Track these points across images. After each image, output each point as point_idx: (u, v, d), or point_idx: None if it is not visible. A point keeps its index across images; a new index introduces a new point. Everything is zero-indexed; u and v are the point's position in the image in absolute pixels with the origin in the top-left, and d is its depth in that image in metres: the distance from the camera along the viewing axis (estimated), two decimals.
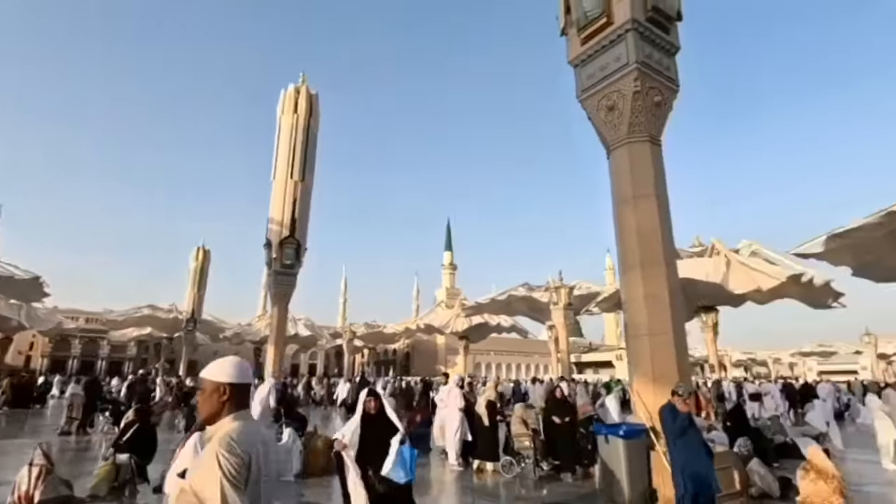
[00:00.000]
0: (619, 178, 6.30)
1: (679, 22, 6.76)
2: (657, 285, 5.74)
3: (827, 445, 8.79)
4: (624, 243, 6.14)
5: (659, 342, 5.60)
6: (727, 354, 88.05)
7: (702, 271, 31.97)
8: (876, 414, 8.40)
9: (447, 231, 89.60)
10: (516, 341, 74.84)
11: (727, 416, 8.57)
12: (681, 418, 4.10)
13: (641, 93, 6.09)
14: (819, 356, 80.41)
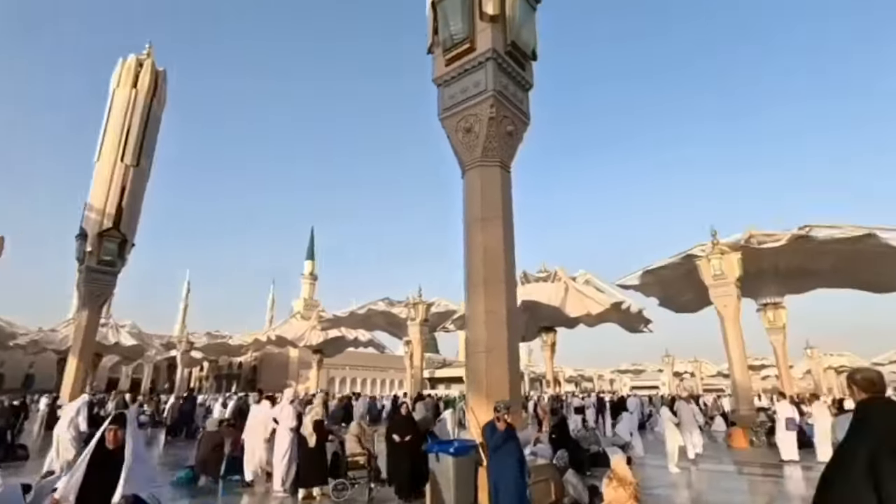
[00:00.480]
0: (471, 199, 6.49)
1: (534, 61, 7.30)
2: (497, 303, 5.97)
3: (630, 453, 10.07)
4: (471, 261, 6.30)
5: (494, 358, 5.79)
6: (562, 371, 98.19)
7: (545, 295, 35.23)
8: (666, 424, 9.91)
9: (310, 240, 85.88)
10: (373, 356, 74.04)
11: (553, 428, 9.35)
12: (498, 435, 4.23)
13: (496, 119, 6.38)
14: (632, 373, 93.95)
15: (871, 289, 27.46)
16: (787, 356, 30.74)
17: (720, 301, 19.14)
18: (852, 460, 2.02)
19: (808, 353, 56.80)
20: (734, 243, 22.92)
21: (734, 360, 18.52)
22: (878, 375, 2.58)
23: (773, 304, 27.78)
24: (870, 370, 2.63)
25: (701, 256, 21.10)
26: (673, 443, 9.41)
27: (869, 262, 24.51)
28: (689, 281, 24.83)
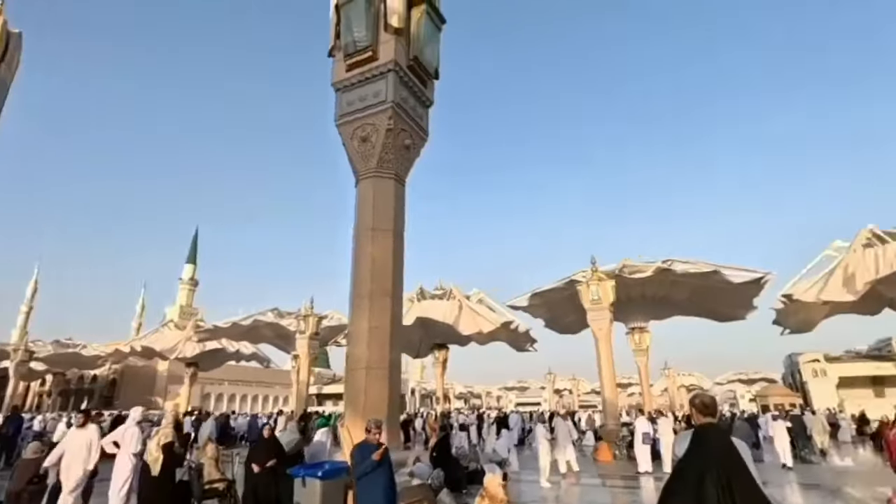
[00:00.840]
0: (363, 209, 6.31)
1: (436, 80, 7.39)
2: (382, 318, 5.80)
3: (507, 469, 10.38)
4: (358, 273, 6.08)
5: (375, 376, 5.59)
6: (452, 387, 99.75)
7: (440, 312, 35.68)
8: (539, 440, 10.39)
9: (193, 241, 78.37)
10: (257, 370, 69.11)
11: (434, 447, 9.31)
12: (369, 458, 4.04)
13: (394, 131, 6.31)
14: (518, 390, 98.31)
15: (715, 318, 31.82)
16: (649, 375, 34.29)
17: (595, 324, 20.79)
18: (688, 474, 2.42)
19: (665, 372, 64.03)
20: (610, 272, 25.22)
21: (605, 379, 20.15)
22: (712, 400, 3.05)
23: (640, 328, 30.93)
24: (706, 395, 3.11)
25: (582, 282, 22.85)
26: (545, 458, 9.89)
27: (714, 295, 28.43)
28: (572, 304, 26.78)
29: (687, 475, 2.42)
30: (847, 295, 25.72)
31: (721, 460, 2.36)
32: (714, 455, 2.38)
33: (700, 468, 2.36)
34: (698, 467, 2.37)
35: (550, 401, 76.37)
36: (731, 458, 2.36)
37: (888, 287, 25.65)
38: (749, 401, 55.96)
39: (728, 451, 2.41)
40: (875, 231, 25.97)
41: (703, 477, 2.29)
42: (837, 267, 26.30)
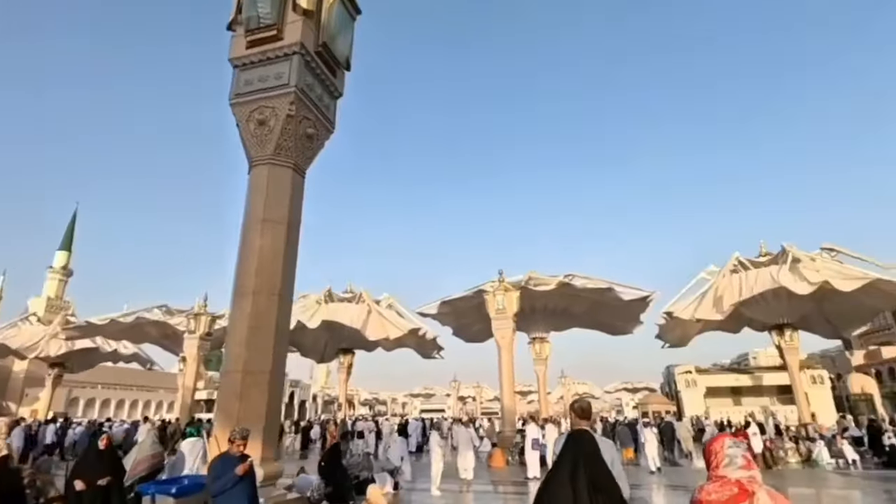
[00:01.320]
0: (255, 197, 5.81)
1: (347, 71, 7.08)
2: (266, 318, 5.33)
3: (399, 478, 10.18)
4: (243, 267, 5.56)
5: (254, 381, 5.10)
6: (357, 393, 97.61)
7: (348, 316, 34.74)
8: (433, 448, 10.31)
9: (70, 225, 69.13)
10: (137, 373, 62.46)
11: (323, 456, 8.83)
12: (231, 472, 3.63)
13: (295, 118, 5.90)
14: (423, 397, 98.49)
15: (608, 331, 34.29)
16: (547, 383, 36.01)
17: (499, 332, 21.39)
18: (562, 467, 2.86)
19: (562, 381, 67.92)
20: (516, 283, 26.18)
21: (504, 386, 20.75)
22: (589, 405, 3.55)
23: (541, 338, 32.39)
24: (584, 401, 3.59)
25: (489, 292, 23.44)
26: (438, 466, 9.82)
27: (608, 310, 30.65)
28: (479, 313, 27.37)
29: (562, 467, 2.87)
30: (716, 314, 29.00)
31: (587, 457, 2.82)
32: (583, 452, 2.83)
33: (572, 462, 2.80)
34: (571, 461, 2.82)
35: (454, 408, 77.49)
36: (595, 455, 2.84)
37: (748, 308, 29.33)
38: (632, 408, 60.99)
39: (594, 449, 2.86)
40: (740, 259, 29.60)
41: (574, 469, 2.77)
42: (710, 289, 29.58)
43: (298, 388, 56.05)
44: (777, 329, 30.02)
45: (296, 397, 54.97)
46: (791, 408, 31.43)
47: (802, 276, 26.98)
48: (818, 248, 29.25)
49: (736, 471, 2.17)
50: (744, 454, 2.23)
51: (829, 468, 15.05)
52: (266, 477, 4.85)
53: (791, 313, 29.39)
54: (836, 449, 16.04)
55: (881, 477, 13.02)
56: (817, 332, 34.55)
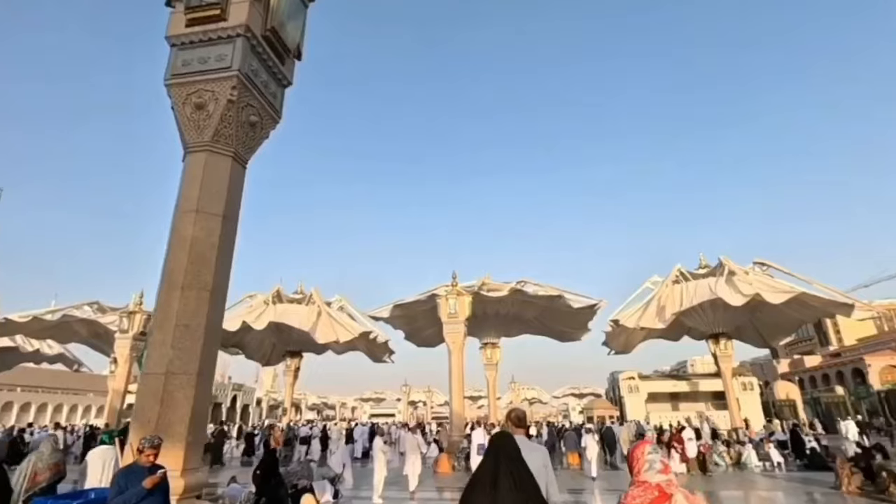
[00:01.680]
0: (189, 186, 5.40)
1: (298, 60, 6.78)
2: (196, 316, 4.94)
3: (339, 486, 9.80)
4: (172, 259, 5.14)
5: (179, 383, 4.70)
6: (305, 398, 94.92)
7: (297, 318, 33.69)
8: (376, 454, 10.02)
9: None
10: (63, 375, 57.99)
11: (259, 463, 8.34)
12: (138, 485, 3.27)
13: (237, 104, 5.55)
14: (374, 401, 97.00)
15: (558, 338, 35.03)
16: (497, 388, 36.30)
17: (450, 336, 21.28)
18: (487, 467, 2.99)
19: (512, 386, 68.79)
20: (470, 287, 26.25)
21: (454, 391, 20.63)
22: (524, 414, 3.77)
23: (492, 343, 32.63)
24: (520, 410, 3.81)
25: (442, 296, 23.33)
26: (381, 473, 9.54)
27: (558, 317, 31.32)
28: (432, 318, 27.20)
29: (486, 468, 3.00)
30: (659, 323, 30.26)
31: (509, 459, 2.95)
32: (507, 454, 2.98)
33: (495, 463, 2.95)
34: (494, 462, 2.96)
35: (405, 412, 76.79)
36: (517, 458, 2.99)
37: (688, 318, 30.79)
38: (579, 413, 62.56)
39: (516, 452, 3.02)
40: (682, 270, 31.06)
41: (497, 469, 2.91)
42: (653, 299, 30.85)
43: (241, 392, 53.74)
44: (713, 338, 31.68)
45: (238, 401, 52.68)
46: (724, 413, 33.15)
47: (737, 289, 28.64)
48: (751, 262, 31.19)
49: (655, 475, 2.34)
50: (662, 459, 2.41)
51: (757, 470, 15.92)
52: (188, 489, 4.47)
53: (726, 323, 31.10)
54: (764, 452, 17.01)
55: (802, 479, 13.87)
56: (749, 342, 36.78)
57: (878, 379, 45.41)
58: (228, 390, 50.93)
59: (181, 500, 4.42)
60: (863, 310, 29.90)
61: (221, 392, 49.70)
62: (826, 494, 11.24)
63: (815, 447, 16.86)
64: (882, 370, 45.98)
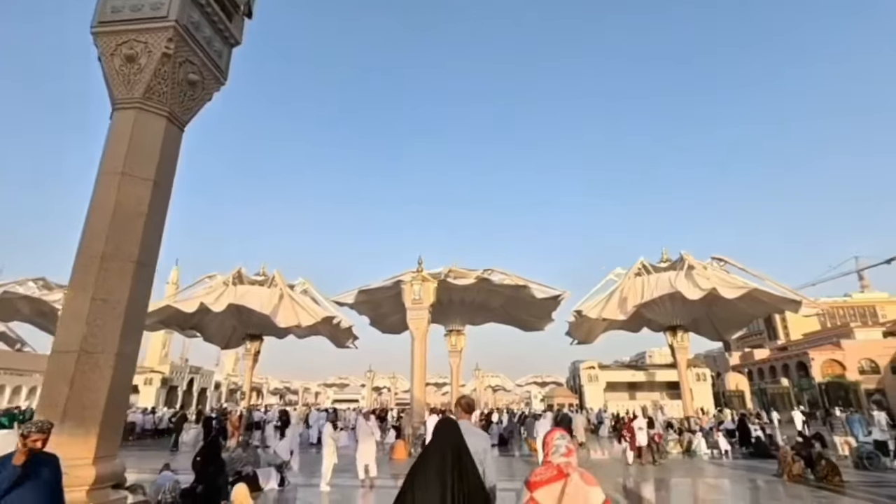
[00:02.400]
0: (115, 145, 4.87)
1: (248, 19, 6.26)
2: (117, 290, 4.47)
3: (285, 473, 9.45)
4: (92, 226, 4.63)
5: (94, 364, 4.24)
6: (267, 382, 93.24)
7: (257, 300, 32.72)
8: (325, 440, 9.68)
9: None
10: (5, 354, 54.76)
11: (200, 450, 7.90)
12: (8, 473, 2.86)
13: (173, 59, 5.03)
14: (337, 387, 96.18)
15: (522, 327, 35.33)
16: (460, 375, 36.42)
17: (414, 322, 21.06)
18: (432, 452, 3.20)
19: (476, 373, 69.37)
20: (436, 274, 26.03)
21: (416, 377, 20.48)
22: (472, 400, 4.09)
23: (457, 330, 32.60)
24: (469, 397, 4.10)
25: (407, 281, 23.04)
26: (329, 459, 9.23)
27: (522, 306, 31.53)
28: (397, 304, 26.86)
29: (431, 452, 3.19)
30: (620, 315, 30.89)
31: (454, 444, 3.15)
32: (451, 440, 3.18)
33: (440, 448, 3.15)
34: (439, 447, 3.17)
35: (369, 398, 76.50)
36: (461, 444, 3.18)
37: (648, 310, 31.55)
38: (540, 400, 63.81)
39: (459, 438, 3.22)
40: (645, 263, 31.73)
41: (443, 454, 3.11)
42: (616, 290, 31.44)
43: (199, 376, 52.18)
44: (671, 330, 32.63)
45: (195, 385, 51.14)
46: (678, 402, 34.34)
47: (695, 283, 29.49)
48: (709, 258, 32.14)
49: (559, 457, 2.75)
50: (567, 444, 2.81)
51: (706, 458, 16.45)
52: (100, 479, 4.05)
53: (684, 316, 32.05)
54: (713, 440, 17.62)
55: (747, 466, 14.39)
56: (704, 335, 38.12)
57: (820, 372, 48.06)
58: (185, 373, 49.32)
59: (92, 491, 4.01)
60: (809, 307, 31.35)
61: (177, 375, 48.11)
62: (769, 481, 11.63)
63: (760, 436, 17.57)
64: (824, 364, 48.65)
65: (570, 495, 2.55)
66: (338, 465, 9.74)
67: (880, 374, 47.11)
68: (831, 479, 10.85)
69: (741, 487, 11.15)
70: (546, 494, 2.59)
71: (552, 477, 2.64)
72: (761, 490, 10.61)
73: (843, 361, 48.35)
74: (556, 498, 2.56)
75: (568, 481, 2.58)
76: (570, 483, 2.58)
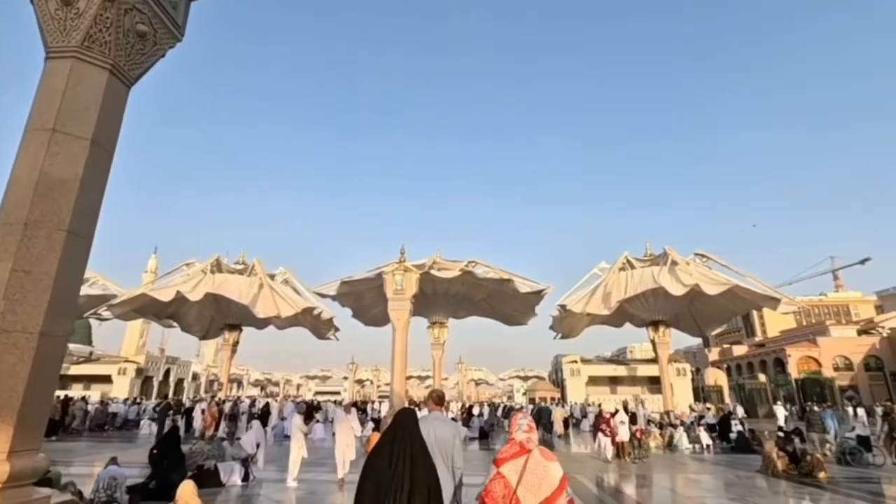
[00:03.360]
0: (46, 98, 4.29)
1: None
2: (45, 261, 3.91)
3: (250, 467, 8.93)
4: (15, 189, 4.05)
5: (11, 343, 3.69)
6: (247, 374, 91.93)
7: (236, 289, 31.86)
8: (294, 433, 9.14)
9: None
10: None
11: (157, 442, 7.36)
12: None
13: (118, 5, 4.44)
14: (320, 379, 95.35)
15: (505, 321, 35.07)
16: (443, 368, 36.09)
17: (395, 313, 20.60)
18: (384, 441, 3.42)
19: (459, 367, 69.28)
20: (420, 265, 25.54)
21: (396, 369, 20.04)
22: (443, 393, 4.36)
23: (440, 323, 32.21)
24: (440, 390, 4.32)
25: (388, 272, 22.53)
26: (297, 453, 8.69)
27: (506, 301, 31.27)
28: (380, 296, 26.29)
29: (386, 441, 3.40)
30: (604, 309, 30.82)
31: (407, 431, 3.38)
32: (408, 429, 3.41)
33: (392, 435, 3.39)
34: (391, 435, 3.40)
35: (351, 391, 75.93)
36: (413, 429, 3.41)
37: (631, 305, 31.57)
38: (522, 394, 63.95)
39: (415, 428, 3.45)
40: (629, 257, 31.70)
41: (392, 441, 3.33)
42: (600, 285, 31.35)
43: (176, 366, 51.02)
44: (653, 325, 32.72)
45: (172, 375, 50.00)
46: (659, 396, 34.54)
47: (678, 279, 29.52)
48: (693, 253, 32.25)
49: (521, 434, 3.02)
50: (528, 423, 3.10)
51: (687, 452, 16.36)
52: (15, 475, 3.52)
53: (666, 311, 32.14)
54: (694, 435, 17.55)
55: (730, 461, 14.28)
56: (685, 330, 38.40)
57: (796, 368, 48.95)
58: (161, 363, 48.12)
59: (7, 490, 3.48)
60: (788, 304, 31.69)
61: (153, 365, 46.93)
62: (753, 477, 11.46)
63: (742, 431, 17.56)
64: (800, 360, 49.57)
65: (531, 468, 2.83)
66: (307, 460, 9.24)
67: (854, 371, 48.17)
68: (816, 474, 10.71)
69: (724, 483, 10.95)
70: (511, 468, 2.85)
71: (515, 453, 2.91)
72: (745, 486, 10.42)
73: (818, 358, 49.33)
74: (519, 471, 2.82)
75: (530, 456, 2.86)
76: (532, 458, 2.86)
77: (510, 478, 2.84)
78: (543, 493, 2.80)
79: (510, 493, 2.80)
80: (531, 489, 2.80)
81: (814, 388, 45.14)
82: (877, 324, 54.93)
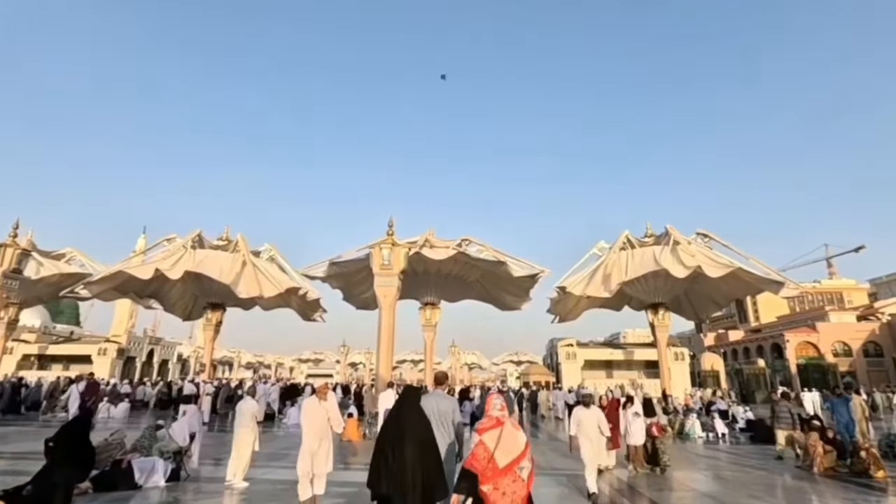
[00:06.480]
0: None
1: None
2: None
3: (183, 464, 7.54)
4: None
5: None
6: (239, 356, 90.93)
7: (217, 268, 30.26)
8: (238, 421, 7.61)
9: None
10: None
11: (59, 430, 5.95)
12: None
13: None
14: (312, 362, 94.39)
15: (499, 306, 33.80)
16: (435, 351, 34.90)
17: (381, 290, 19.28)
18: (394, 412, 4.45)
19: (452, 350, 68.43)
20: (412, 242, 24.11)
21: (382, 350, 18.78)
22: (444, 373, 5.64)
23: (432, 303, 30.91)
24: (442, 372, 5.68)
25: (376, 245, 21.11)
26: (243, 446, 7.14)
27: (499, 283, 29.97)
28: (370, 278, 24.90)
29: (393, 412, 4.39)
30: (604, 292, 29.52)
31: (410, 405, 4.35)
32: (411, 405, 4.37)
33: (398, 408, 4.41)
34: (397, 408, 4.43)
35: (343, 374, 75.07)
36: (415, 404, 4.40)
37: (631, 287, 30.32)
38: (516, 378, 63.26)
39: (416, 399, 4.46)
40: (629, 237, 30.35)
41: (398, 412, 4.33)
42: (599, 266, 30.02)
43: (160, 347, 49.67)
44: (653, 308, 31.56)
45: (156, 356, 48.67)
46: (655, 381, 33.58)
47: (680, 260, 28.23)
48: (694, 233, 30.91)
49: (496, 412, 4.02)
50: (502, 403, 4.12)
51: (700, 442, 14.96)
52: None
53: (666, 294, 30.95)
54: (708, 422, 16.15)
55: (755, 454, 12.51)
56: (682, 314, 37.33)
57: (794, 353, 48.27)
58: (144, 344, 46.74)
59: None
60: (791, 289, 30.54)
61: (136, 346, 45.58)
62: (798, 476, 9.66)
63: (752, 418, 16.39)
64: (798, 345, 48.87)
65: (504, 436, 3.80)
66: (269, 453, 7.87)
67: (853, 356, 47.55)
68: (873, 473, 8.89)
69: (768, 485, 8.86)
70: (489, 437, 3.79)
71: (492, 425, 3.89)
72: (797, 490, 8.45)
73: (817, 344, 48.65)
74: (496, 439, 3.76)
75: (503, 427, 3.86)
76: (505, 428, 3.86)
77: (489, 444, 3.75)
78: (513, 455, 3.73)
79: (489, 455, 3.70)
80: (505, 452, 3.72)
81: (814, 373, 44.48)
82: (877, 310, 54.29)
